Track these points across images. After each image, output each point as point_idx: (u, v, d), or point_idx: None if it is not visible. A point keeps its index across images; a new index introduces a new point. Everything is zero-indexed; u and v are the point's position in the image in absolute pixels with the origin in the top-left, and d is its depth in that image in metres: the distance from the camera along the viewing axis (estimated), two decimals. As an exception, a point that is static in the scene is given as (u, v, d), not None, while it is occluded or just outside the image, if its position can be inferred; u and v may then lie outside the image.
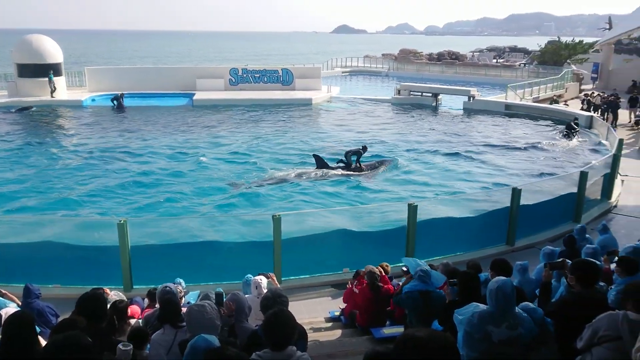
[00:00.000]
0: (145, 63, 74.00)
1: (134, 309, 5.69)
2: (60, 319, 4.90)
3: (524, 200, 10.88)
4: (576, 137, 22.49)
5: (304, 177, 16.42)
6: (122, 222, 8.62)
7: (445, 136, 23.60)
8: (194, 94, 31.91)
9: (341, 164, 17.39)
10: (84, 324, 3.42)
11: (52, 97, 29.33)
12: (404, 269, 6.35)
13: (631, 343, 3.45)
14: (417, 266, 5.68)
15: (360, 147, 17.56)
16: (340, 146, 20.79)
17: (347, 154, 17.41)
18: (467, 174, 17.81)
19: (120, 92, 29.41)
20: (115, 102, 28.99)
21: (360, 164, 17.33)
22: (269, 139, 22.39)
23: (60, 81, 30.44)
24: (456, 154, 20.16)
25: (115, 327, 4.43)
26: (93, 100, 30.41)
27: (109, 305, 5.44)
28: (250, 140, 22.18)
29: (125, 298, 6.05)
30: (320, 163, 17.21)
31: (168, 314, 4.41)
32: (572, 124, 22.74)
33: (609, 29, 49.35)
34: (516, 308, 4.03)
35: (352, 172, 17.08)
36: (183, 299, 6.41)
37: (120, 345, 3.73)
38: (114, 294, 6.26)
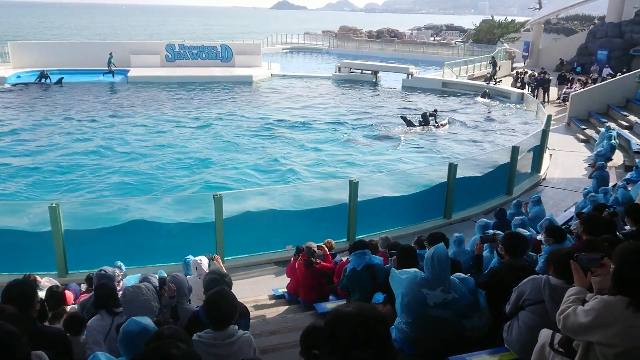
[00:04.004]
0: (75, 37, 70.19)
1: (67, 295, 5.49)
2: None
3: (459, 175, 11.26)
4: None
5: (401, 134, 19.88)
6: (53, 205, 8.25)
7: (385, 112, 23.92)
8: (128, 71, 30.65)
9: (422, 123, 20.97)
10: (11, 312, 3.25)
11: None
12: None
13: (551, 306, 3.66)
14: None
15: (433, 110, 22.01)
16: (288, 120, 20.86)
17: (424, 115, 21.24)
18: (405, 149, 18.19)
19: (42, 69, 27.92)
20: (41, 79, 27.57)
21: (437, 122, 21.29)
22: (220, 116, 22.35)
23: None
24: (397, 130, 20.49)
25: (47, 314, 4.26)
26: (18, 77, 28.59)
27: (44, 292, 5.24)
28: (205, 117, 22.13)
29: (59, 284, 5.82)
30: (408, 123, 20.92)
31: (102, 299, 4.28)
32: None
33: (539, 8, 51.25)
34: (451, 277, 4.20)
35: (430, 128, 20.86)
36: (121, 282, 6.25)
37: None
38: (45, 281, 6.01)
